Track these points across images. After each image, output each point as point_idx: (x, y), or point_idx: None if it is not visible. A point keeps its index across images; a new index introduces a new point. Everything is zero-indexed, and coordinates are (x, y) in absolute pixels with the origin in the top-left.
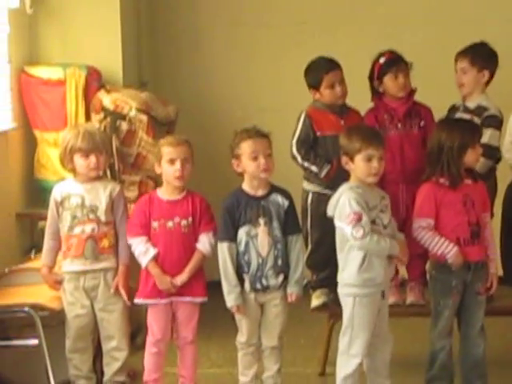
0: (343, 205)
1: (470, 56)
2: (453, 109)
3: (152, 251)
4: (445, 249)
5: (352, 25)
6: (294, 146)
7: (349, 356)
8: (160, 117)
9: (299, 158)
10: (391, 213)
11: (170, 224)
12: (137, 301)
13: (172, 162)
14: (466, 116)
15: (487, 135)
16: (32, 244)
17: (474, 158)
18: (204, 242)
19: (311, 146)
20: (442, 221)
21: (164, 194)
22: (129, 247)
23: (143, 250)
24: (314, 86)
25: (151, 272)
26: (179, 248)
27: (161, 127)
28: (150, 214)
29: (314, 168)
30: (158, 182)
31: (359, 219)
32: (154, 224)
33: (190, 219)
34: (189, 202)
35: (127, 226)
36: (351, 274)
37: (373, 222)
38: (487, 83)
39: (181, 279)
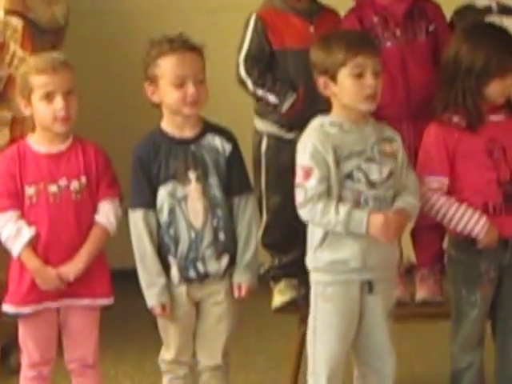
0: (299, 152)
1: None
2: (470, 9)
3: (27, 233)
4: (468, 221)
5: None
6: (241, 65)
7: (315, 376)
8: (42, 21)
9: (250, 84)
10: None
11: (53, 189)
12: (6, 308)
13: (49, 97)
14: (509, 19)
15: None
16: None
17: (499, 93)
18: (106, 213)
19: (267, 64)
20: (459, 179)
21: (40, 144)
22: None
23: (13, 232)
24: None
25: (27, 264)
26: (71, 224)
27: (43, 36)
28: (20, 175)
29: (271, 98)
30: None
31: (307, 176)
32: (30, 191)
33: (84, 179)
34: (78, 153)
35: None
36: (311, 254)
37: (348, 176)
38: None
39: (74, 269)
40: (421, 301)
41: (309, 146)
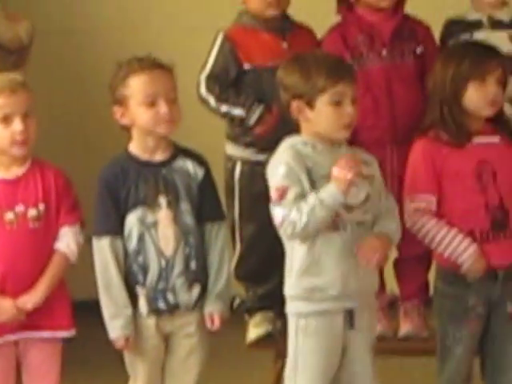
0: (270, 173)
1: None
2: (460, 24)
3: None
4: (456, 248)
5: None
6: (202, 83)
7: None
8: (5, 40)
9: (212, 100)
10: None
11: (9, 217)
12: None
13: (7, 119)
14: (501, 34)
15: None
16: None
17: (478, 98)
18: (67, 240)
19: (232, 84)
20: (446, 202)
21: None
22: None
23: None
24: None
25: None
26: (28, 254)
27: (6, 57)
28: None
29: (237, 111)
30: None
31: (282, 196)
32: None
33: (42, 206)
34: (37, 178)
35: None
36: (291, 281)
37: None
38: None
39: (33, 299)
40: (404, 336)
41: (282, 165)
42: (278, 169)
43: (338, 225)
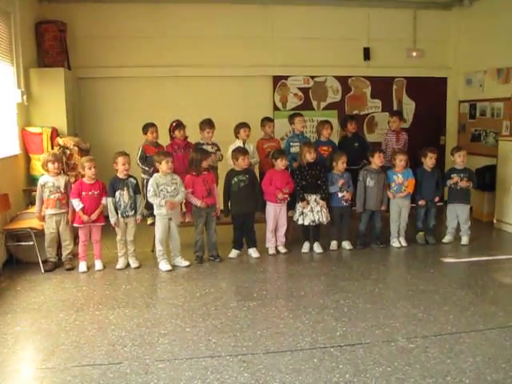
0: (149, 182)
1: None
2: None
3: (80, 205)
4: (196, 201)
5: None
6: (137, 159)
7: (157, 242)
8: (83, 148)
9: (140, 164)
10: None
11: (90, 193)
12: (74, 225)
13: (90, 168)
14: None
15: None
16: (29, 201)
17: (205, 164)
18: (104, 200)
19: (145, 159)
20: (196, 189)
21: (86, 180)
22: (71, 203)
23: (77, 204)
24: (145, 132)
25: (79, 214)
26: (94, 203)
27: (84, 152)
28: (81, 189)
29: (146, 169)
30: (82, 175)
31: (150, 190)
32: (83, 193)
33: (98, 191)
34: (98, 184)
35: (70, 194)
36: (156, 210)
37: (161, 190)
38: None
39: (94, 216)
40: (187, 222)
41: (151, 182)
42: (150, 181)
43: (166, 196)
